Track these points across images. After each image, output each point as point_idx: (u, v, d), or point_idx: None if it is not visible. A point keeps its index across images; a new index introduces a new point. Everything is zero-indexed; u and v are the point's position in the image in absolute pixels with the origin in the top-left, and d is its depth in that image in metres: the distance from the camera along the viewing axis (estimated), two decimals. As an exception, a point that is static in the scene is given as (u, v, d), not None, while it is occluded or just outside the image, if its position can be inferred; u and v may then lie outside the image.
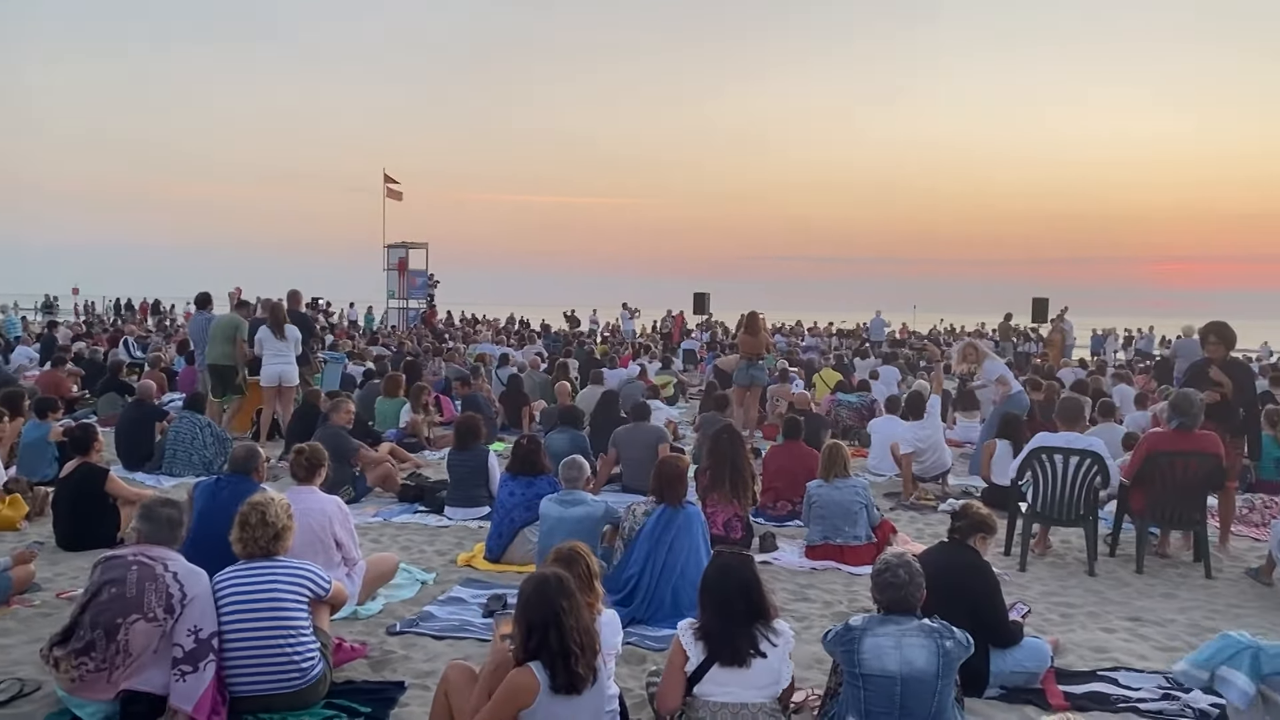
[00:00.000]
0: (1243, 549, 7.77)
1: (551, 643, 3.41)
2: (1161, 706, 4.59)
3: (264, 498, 4.46)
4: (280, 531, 4.39)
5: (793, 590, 6.47)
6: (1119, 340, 35.24)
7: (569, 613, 3.43)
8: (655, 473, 6.00)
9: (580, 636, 3.45)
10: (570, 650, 3.41)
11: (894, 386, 16.43)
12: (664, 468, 5.97)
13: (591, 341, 28.23)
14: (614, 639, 3.86)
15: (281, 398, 11.53)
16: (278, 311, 11.64)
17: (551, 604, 3.43)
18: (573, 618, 3.44)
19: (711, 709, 3.67)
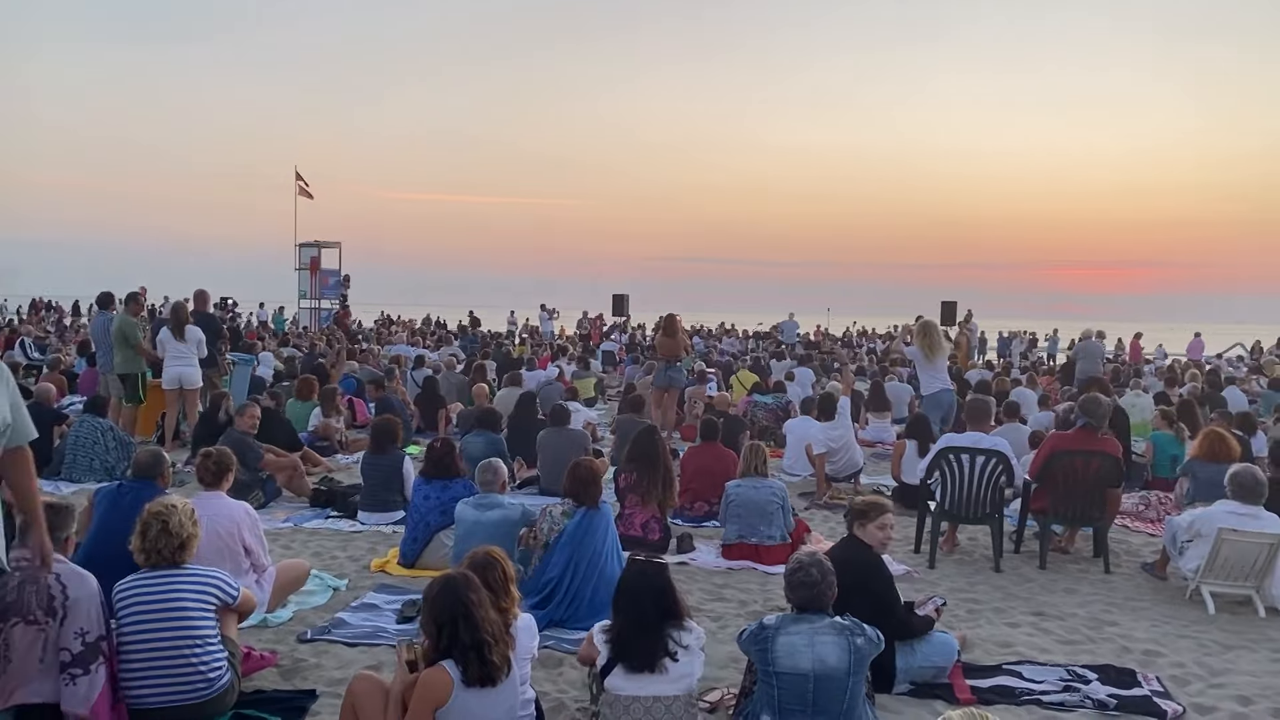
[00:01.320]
0: (1138, 544, 8.08)
1: (463, 636, 3.41)
2: (1063, 698, 4.74)
3: (165, 505, 4.32)
4: (185, 540, 4.26)
5: (709, 590, 6.52)
6: (1024, 343, 36.34)
7: (478, 605, 3.44)
8: (571, 475, 5.98)
9: (492, 627, 3.45)
10: (483, 641, 3.42)
11: (809, 388, 16.67)
12: (580, 470, 5.96)
13: (510, 343, 28.07)
14: (530, 643, 3.86)
15: (185, 400, 11.23)
16: (179, 313, 11.35)
17: (460, 599, 3.43)
18: (482, 610, 3.44)
19: (624, 703, 3.69)
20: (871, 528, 4.94)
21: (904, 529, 8.23)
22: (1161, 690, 4.88)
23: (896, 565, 7.12)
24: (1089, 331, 19.07)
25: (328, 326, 30.24)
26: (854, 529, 5.00)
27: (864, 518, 4.97)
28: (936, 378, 10.58)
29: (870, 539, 4.93)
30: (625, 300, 31.91)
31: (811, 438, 10.14)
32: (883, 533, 4.97)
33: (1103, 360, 17.93)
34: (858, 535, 4.96)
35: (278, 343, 23.29)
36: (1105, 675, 5.05)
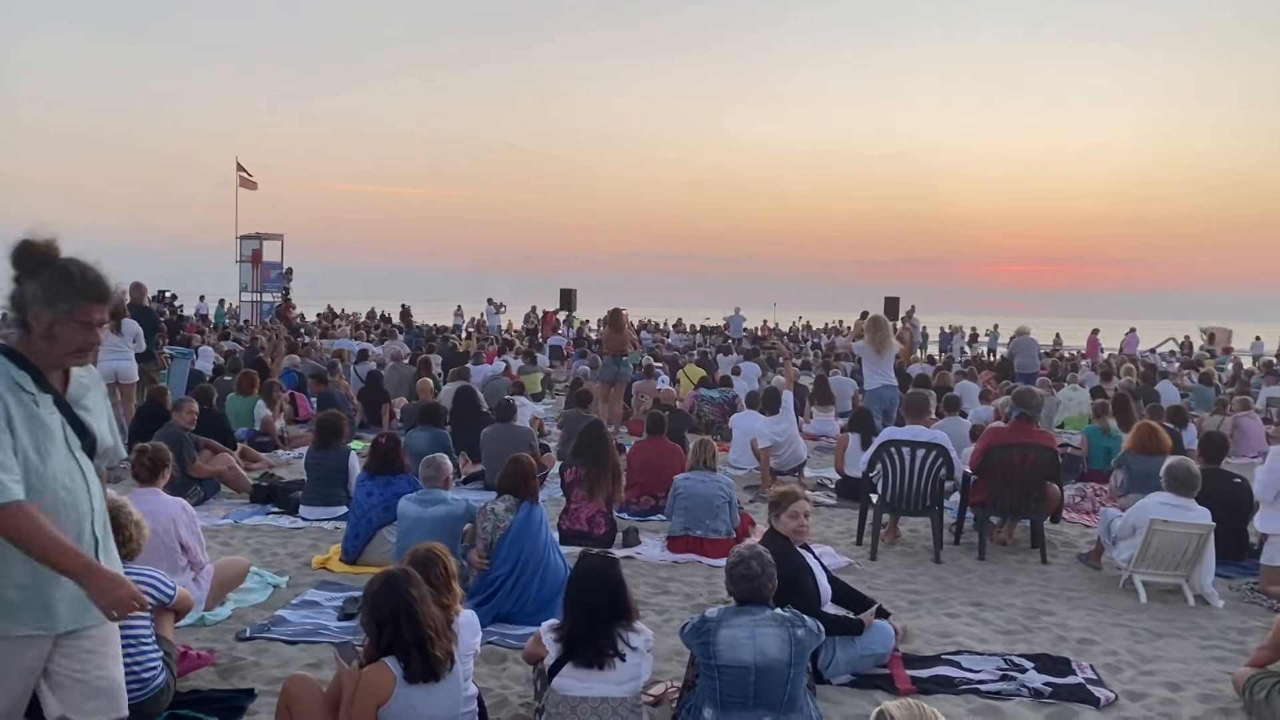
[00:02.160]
0: (1074, 535, 8.26)
1: (405, 633, 3.39)
2: (1000, 687, 4.83)
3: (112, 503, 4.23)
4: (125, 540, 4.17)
5: (654, 584, 6.54)
6: (965, 338, 36.93)
7: (420, 601, 3.42)
8: (509, 470, 5.93)
9: (434, 623, 3.43)
10: (425, 637, 3.40)
11: (755, 382, 16.80)
12: (519, 465, 5.91)
13: (456, 337, 27.86)
14: (473, 640, 3.83)
15: (120, 395, 10.98)
16: (115, 305, 11.06)
17: (401, 596, 3.41)
18: (424, 606, 3.43)
19: (571, 703, 3.69)
20: (784, 518, 4.99)
21: (847, 521, 8.35)
22: (1095, 678, 4.99)
23: (839, 557, 7.22)
24: (1024, 328, 19.45)
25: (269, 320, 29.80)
26: (772, 520, 5.06)
27: (777, 508, 5.04)
28: (882, 373, 10.71)
29: (784, 529, 4.98)
30: (573, 295, 31.82)
31: (756, 432, 10.20)
32: (795, 521, 5.00)
33: (1039, 355, 18.28)
34: (775, 527, 5.02)
35: (218, 336, 22.89)
36: (1041, 664, 5.15)
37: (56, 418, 2.73)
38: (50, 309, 2.66)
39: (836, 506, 9.18)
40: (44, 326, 2.67)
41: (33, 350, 2.71)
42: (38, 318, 2.67)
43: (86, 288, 2.71)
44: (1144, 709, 4.66)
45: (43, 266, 2.68)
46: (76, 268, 2.71)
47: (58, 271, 2.68)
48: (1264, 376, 19.78)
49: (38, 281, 2.67)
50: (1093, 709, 4.62)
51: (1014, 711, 4.56)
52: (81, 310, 2.70)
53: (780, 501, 5.05)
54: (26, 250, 2.69)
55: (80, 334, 2.71)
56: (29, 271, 2.68)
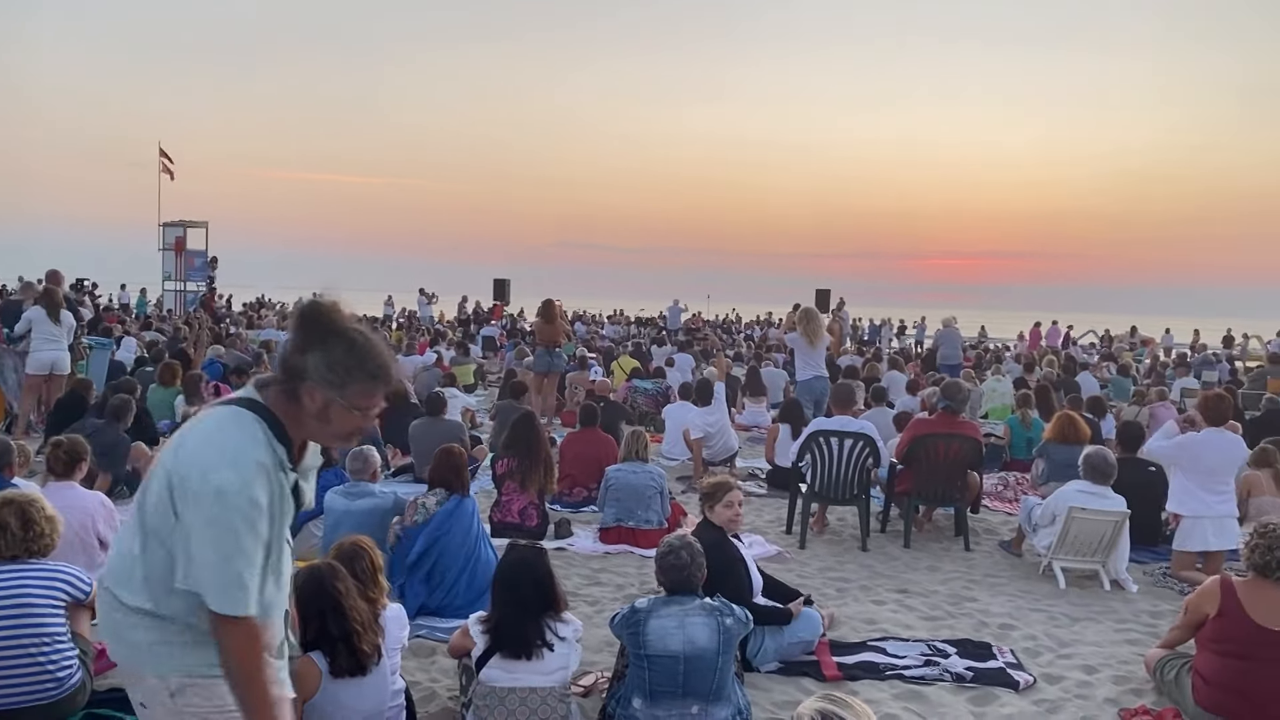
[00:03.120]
0: (996, 523, 8.46)
1: (331, 628, 3.35)
2: (924, 672, 4.93)
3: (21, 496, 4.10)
4: (36, 536, 4.04)
5: (586, 575, 6.55)
6: (893, 330, 37.55)
7: (346, 595, 3.39)
8: (440, 462, 5.88)
9: (361, 617, 3.40)
10: (352, 631, 3.37)
11: (688, 374, 16.87)
12: (450, 457, 5.86)
13: (386, 328, 27.51)
14: (400, 632, 3.80)
15: (51, 386, 10.68)
16: (55, 295, 10.81)
17: (326, 590, 3.37)
18: (350, 600, 3.39)
19: (499, 695, 3.68)
20: (719, 508, 5.05)
21: (777, 511, 8.45)
22: (1015, 662, 5.13)
23: (768, 546, 7.31)
24: (949, 320, 19.85)
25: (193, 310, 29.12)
26: (705, 511, 5.11)
27: (711, 499, 5.09)
28: (813, 365, 10.85)
29: (719, 519, 5.04)
30: (506, 285, 31.65)
31: (689, 423, 10.26)
32: (729, 511, 5.06)
33: (963, 346, 18.65)
34: (708, 518, 5.06)
35: (139, 326, 22.30)
36: (963, 649, 5.27)
37: (289, 495, 2.43)
38: (332, 390, 2.31)
39: (767, 496, 9.27)
40: (319, 406, 2.33)
41: (296, 424, 2.37)
42: (313, 395, 2.32)
43: (376, 372, 2.36)
44: (1061, 691, 4.80)
45: (330, 338, 2.32)
46: (367, 346, 2.35)
47: (348, 349, 2.32)
48: (1178, 368, 20.47)
49: (324, 356, 2.30)
50: (1012, 692, 4.74)
51: (936, 696, 4.66)
52: (365, 397, 2.36)
53: (714, 493, 5.10)
54: (316, 316, 2.34)
55: (356, 420, 2.38)
56: (315, 341, 2.32)
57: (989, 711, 4.53)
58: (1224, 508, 6.81)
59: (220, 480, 2.21)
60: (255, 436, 2.31)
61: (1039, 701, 4.66)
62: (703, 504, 5.17)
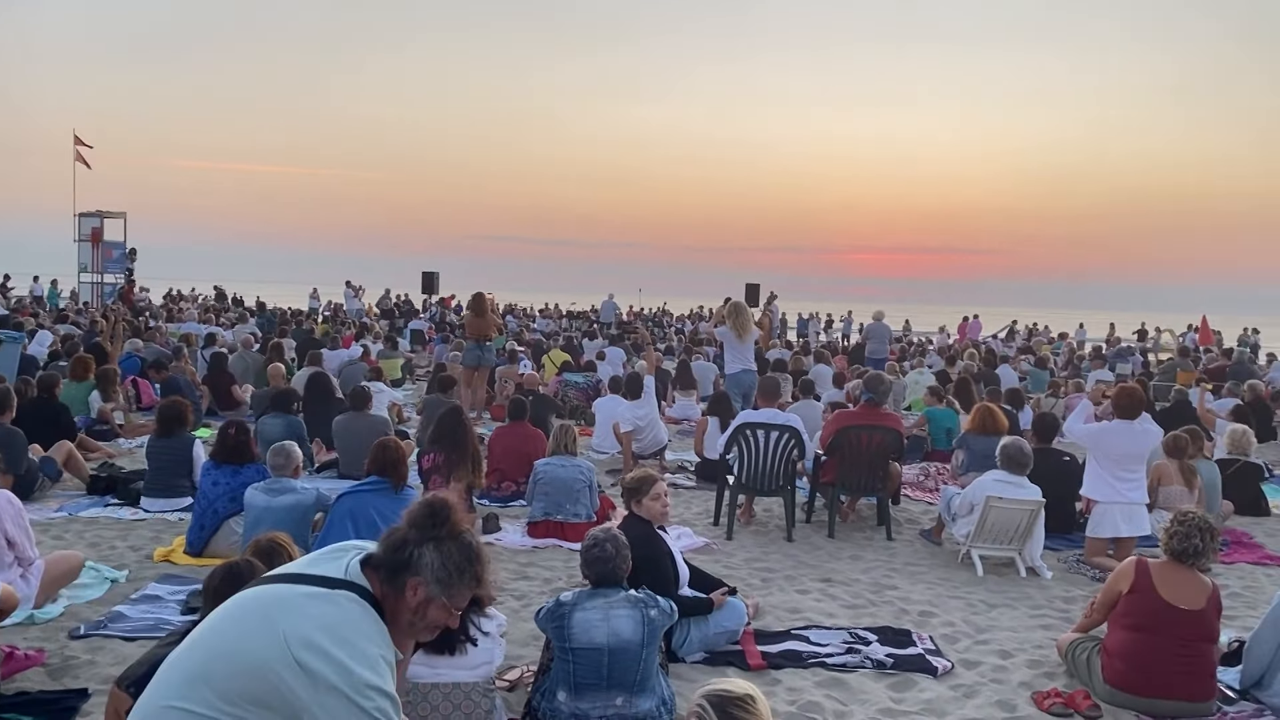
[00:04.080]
0: (917, 512, 8.64)
1: None
2: (845, 659, 5.02)
3: None
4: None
5: (514, 570, 6.53)
6: (821, 323, 38.06)
7: None
8: (376, 456, 5.80)
9: None
10: None
11: (619, 367, 16.91)
12: (384, 451, 5.78)
13: (311, 321, 27.04)
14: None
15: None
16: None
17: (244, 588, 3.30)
18: None
19: (423, 690, 3.66)
20: (646, 501, 5.08)
21: (705, 503, 8.52)
22: (934, 648, 5.25)
23: (696, 538, 7.37)
24: (879, 314, 20.19)
25: (111, 302, 28.29)
26: (631, 506, 5.13)
27: (637, 493, 5.11)
28: (742, 358, 10.95)
29: (648, 513, 5.07)
30: (435, 278, 31.30)
31: (619, 416, 10.29)
32: (656, 504, 5.10)
33: (890, 340, 19.00)
34: (635, 511, 5.09)
35: (53, 319, 21.59)
36: (884, 636, 5.38)
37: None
38: (437, 589, 2.39)
39: (696, 488, 9.34)
40: (419, 601, 2.40)
41: (394, 614, 2.42)
42: (417, 590, 2.39)
43: (480, 576, 2.46)
44: (977, 676, 4.93)
45: (448, 540, 2.42)
46: (476, 551, 2.46)
47: (462, 552, 2.42)
48: (1093, 360, 21.09)
49: (440, 555, 2.39)
50: (930, 678, 4.86)
51: (858, 683, 4.75)
52: (462, 598, 2.45)
53: (640, 486, 5.13)
54: (439, 516, 2.44)
55: (445, 617, 2.45)
56: (432, 539, 2.40)
57: (908, 697, 4.63)
58: (1135, 495, 7.05)
59: (364, 678, 2.25)
60: (383, 635, 2.36)
61: (956, 687, 4.78)
62: (629, 498, 5.19)
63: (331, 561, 2.46)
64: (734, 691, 2.55)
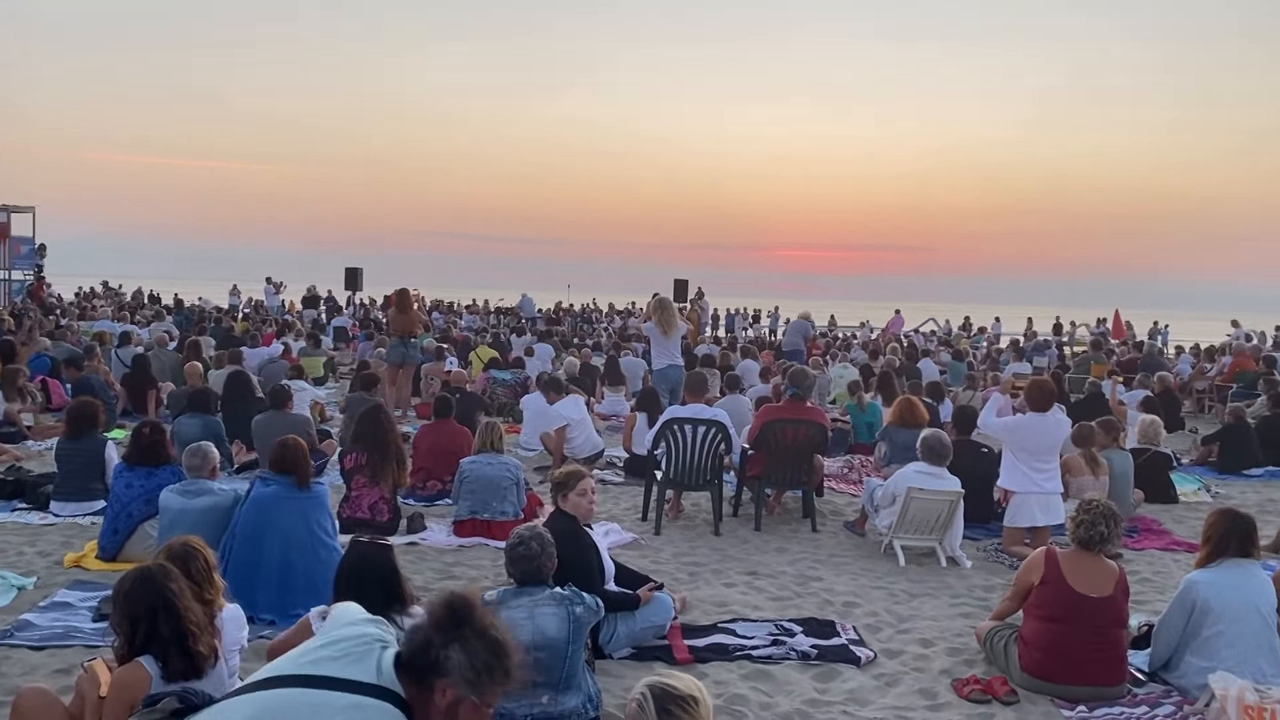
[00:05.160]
0: (842, 504, 8.76)
1: (163, 630, 3.20)
2: (771, 651, 5.07)
3: None
4: None
5: (439, 570, 6.46)
6: (748, 319, 38.39)
7: (179, 595, 3.24)
8: (277, 455, 5.68)
9: (195, 617, 3.26)
10: (186, 632, 3.22)
11: (548, 363, 16.86)
12: (284, 449, 5.66)
13: (230, 318, 26.42)
14: (239, 634, 3.67)
15: None
16: None
17: (157, 591, 3.22)
18: (183, 600, 3.25)
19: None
20: (572, 497, 5.07)
21: (634, 499, 8.53)
22: (857, 638, 5.33)
23: (624, 534, 7.37)
24: (805, 314, 20.48)
25: (19, 300, 27.30)
26: (558, 501, 5.12)
27: (563, 488, 5.11)
28: (668, 354, 10.98)
29: (573, 508, 5.06)
30: (359, 274, 30.78)
31: (550, 413, 10.26)
32: (584, 500, 5.11)
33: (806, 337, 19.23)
34: (561, 506, 5.08)
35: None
36: (809, 627, 5.45)
37: None
38: (467, 689, 2.33)
39: (624, 484, 9.34)
40: (448, 702, 2.34)
41: (424, 717, 2.37)
42: (446, 693, 2.33)
43: (512, 671, 2.40)
44: (899, 665, 5.02)
45: (474, 638, 2.35)
46: (505, 645, 2.40)
47: (489, 649, 2.36)
48: (1011, 354, 21.63)
49: (466, 655, 2.33)
50: (854, 667, 4.93)
51: (783, 674, 4.80)
52: (494, 696, 2.39)
53: (567, 481, 5.11)
54: (462, 613, 2.38)
55: (478, 717, 2.39)
56: (457, 637, 2.34)
57: (832, 687, 4.70)
58: (1050, 485, 7.24)
59: None
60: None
61: (878, 676, 4.86)
62: (556, 492, 5.17)
63: (360, 660, 2.41)
64: (678, 689, 2.53)
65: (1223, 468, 10.87)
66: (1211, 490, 9.86)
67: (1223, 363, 17.66)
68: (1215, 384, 16.74)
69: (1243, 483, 10.46)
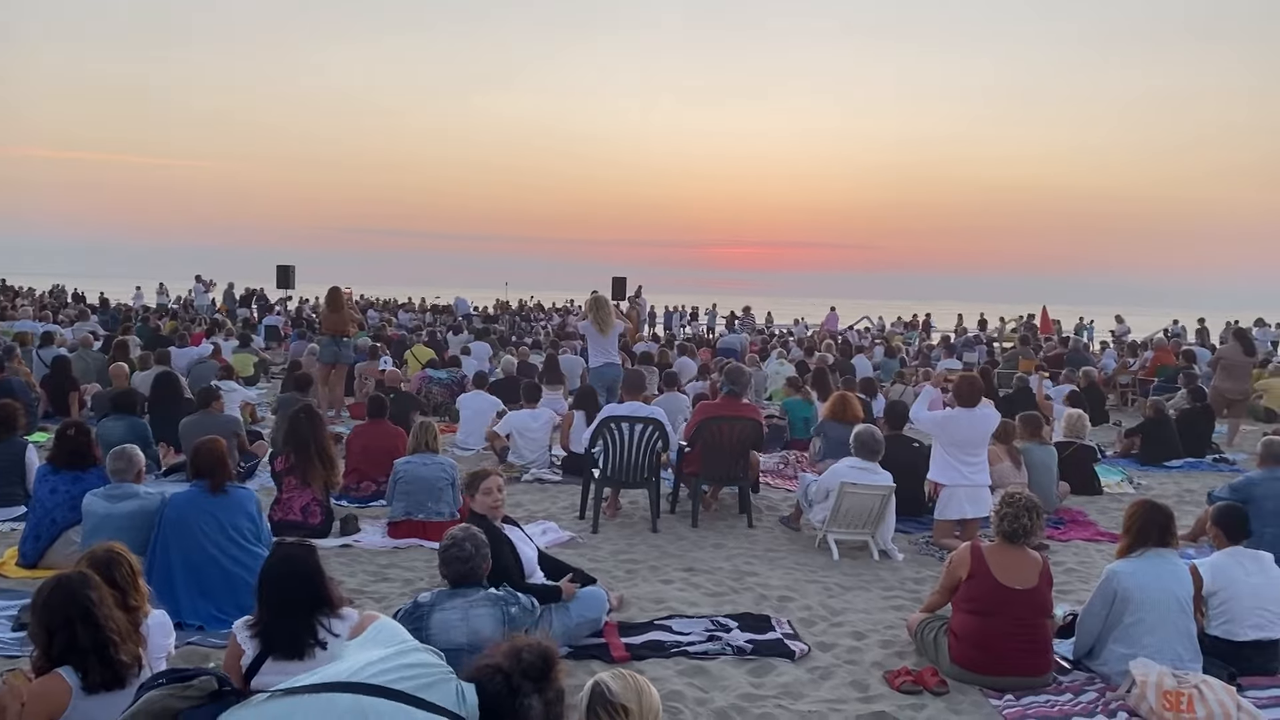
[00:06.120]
0: (777, 500, 8.85)
1: (82, 640, 3.12)
2: (707, 647, 5.11)
3: None
4: None
5: (373, 571, 6.39)
6: (686, 316, 38.53)
7: (99, 604, 3.16)
8: (197, 455, 5.56)
9: (117, 626, 3.18)
10: (108, 641, 3.14)
11: (485, 362, 16.75)
12: (199, 455, 5.54)
13: (158, 317, 25.80)
14: (165, 641, 3.60)
15: None
16: None
17: (77, 599, 3.14)
18: (104, 609, 3.16)
19: (273, 701, 3.53)
20: (479, 496, 5.09)
21: (572, 497, 8.52)
22: (791, 632, 5.39)
23: (562, 532, 7.37)
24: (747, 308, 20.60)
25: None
26: (468, 501, 5.13)
27: (470, 488, 5.11)
28: (605, 352, 10.98)
29: (480, 507, 5.07)
30: (291, 271, 30.22)
31: (486, 412, 10.21)
32: (489, 498, 5.13)
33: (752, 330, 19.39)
34: (471, 507, 5.08)
35: None
36: (744, 622, 5.49)
37: None
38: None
39: (562, 483, 9.33)
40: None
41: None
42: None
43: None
44: (833, 658, 5.09)
45: (550, 689, 2.49)
46: (564, 704, 2.54)
47: (559, 704, 2.51)
48: (943, 350, 22.02)
49: (544, 705, 2.47)
50: (789, 661, 4.99)
51: (718, 670, 4.84)
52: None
53: (472, 482, 5.17)
54: (553, 663, 2.52)
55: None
56: (541, 687, 2.47)
57: (766, 681, 4.75)
58: (978, 478, 7.40)
59: None
60: None
61: (812, 669, 4.93)
62: (465, 493, 5.17)
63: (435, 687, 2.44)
64: (614, 695, 2.55)
65: (1145, 460, 11.20)
66: (1134, 481, 10.16)
67: (1145, 357, 18.19)
68: (1138, 378, 17.23)
69: (1163, 474, 10.79)
